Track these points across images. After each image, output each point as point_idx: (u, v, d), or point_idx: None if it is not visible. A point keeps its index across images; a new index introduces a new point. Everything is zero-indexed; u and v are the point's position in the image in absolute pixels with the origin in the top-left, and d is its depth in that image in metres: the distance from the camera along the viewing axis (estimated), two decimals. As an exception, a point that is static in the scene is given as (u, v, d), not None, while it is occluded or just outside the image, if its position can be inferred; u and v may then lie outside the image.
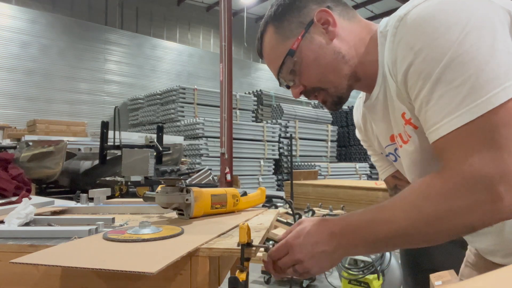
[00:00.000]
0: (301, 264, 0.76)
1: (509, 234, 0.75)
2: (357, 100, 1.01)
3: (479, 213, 0.60)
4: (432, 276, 1.36)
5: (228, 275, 1.05)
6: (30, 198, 1.61)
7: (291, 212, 3.76)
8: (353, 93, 0.89)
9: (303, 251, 0.75)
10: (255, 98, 12.84)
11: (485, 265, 0.86)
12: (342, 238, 0.73)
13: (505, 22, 0.63)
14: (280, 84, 0.89)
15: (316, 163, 10.91)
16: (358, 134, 1.07)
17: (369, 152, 1.06)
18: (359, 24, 0.84)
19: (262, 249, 0.85)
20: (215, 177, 7.17)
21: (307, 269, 0.76)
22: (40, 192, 6.04)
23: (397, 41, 0.68)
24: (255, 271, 3.66)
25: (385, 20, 0.78)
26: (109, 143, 4.56)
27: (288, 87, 0.88)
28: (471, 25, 0.61)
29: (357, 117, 1.04)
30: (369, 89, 0.84)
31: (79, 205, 1.50)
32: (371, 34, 0.81)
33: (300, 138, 11.85)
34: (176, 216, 1.24)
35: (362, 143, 1.07)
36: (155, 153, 4.47)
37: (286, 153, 11.51)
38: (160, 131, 4.70)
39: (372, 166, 11.88)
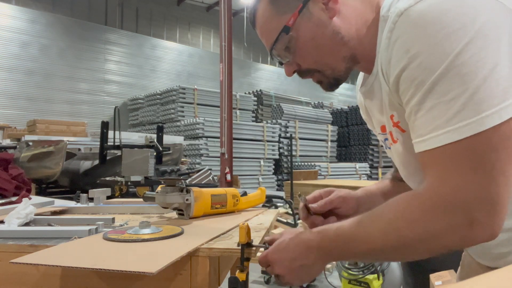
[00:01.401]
0: (282, 278, 0.77)
1: (495, 240, 0.74)
2: (359, 76, 0.94)
3: (455, 237, 0.59)
4: (432, 276, 1.36)
5: (228, 275, 1.05)
6: (30, 198, 1.61)
7: (291, 212, 3.76)
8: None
9: (281, 267, 0.75)
10: (255, 98, 12.84)
11: (477, 267, 0.85)
12: (319, 253, 0.73)
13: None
14: (272, 59, 0.84)
15: (316, 163, 10.91)
16: (361, 112, 1.00)
17: (372, 130, 1.00)
18: (363, 0, 0.76)
19: (262, 249, 0.85)
20: (215, 177, 7.17)
21: (288, 282, 0.77)
22: (40, 192, 6.04)
23: (393, 40, 0.63)
24: (255, 271, 3.66)
25: (388, 0, 0.72)
26: (109, 143, 4.55)
27: (281, 63, 0.82)
28: (474, 32, 0.56)
29: (359, 94, 0.97)
30: (368, 71, 0.79)
31: (79, 205, 1.50)
32: (374, 14, 0.75)
33: (300, 138, 11.85)
34: (176, 216, 1.24)
35: (364, 120, 1.01)
36: (155, 153, 4.47)
37: (286, 153, 11.51)
38: (160, 131, 4.69)
39: (372, 166, 11.89)
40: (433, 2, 0.59)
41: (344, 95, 18.67)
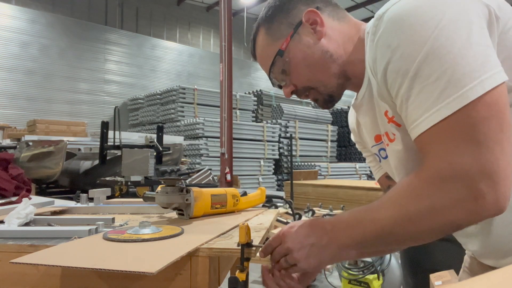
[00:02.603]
0: (291, 254, 0.76)
1: (498, 237, 0.74)
2: (352, 102, 1.01)
3: (461, 211, 0.60)
4: (432, 276, 1.36)
5: (228, 275, 1.06)
6: (30, 198, 1.61)
7: (291, 212, 3.76)
8: (350, 93, 0.89)
9: (294, 241, 0.76)
10: (255, 98, 12.83)
11: (480, 268, 0.85)
12: (332, 235, 0.73)
13: (482, 16, 0.63)
14: (273, 84, 0.91)
15: (316, 163, 10.91)
16: (352, 136, 1.08)
17: (364, 154, 1.07)
18: (348, 24, 0.86)
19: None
20: (215, 177, 7.18)
21: (296, 260, 0.76)
22: (40, 192, 6.04)
23: (376, 40, 0.69)
24: (255, 271, 3.65)
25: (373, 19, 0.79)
26: (109, 143, 4.55)
27: (280, 86, 0.90)
28: (446, 19, 0.61)
29: (351, 119, 1.05)
30: (358, 89, 0.85)
31: (79, 205, 1.50)
32: (359, 34, 0.83)
33: (300, 138, 11.84)
34: (176, 216, 1.24)
35: (356, 145, 1.08)
36: (155, 153, 4.47)
37: (286, 153, 11.51)
38: (160, 131, 4.69)
39: (372, 166, 11.88)
40: (406, 1, 0.66)
41: (345, 95, 18.48)
